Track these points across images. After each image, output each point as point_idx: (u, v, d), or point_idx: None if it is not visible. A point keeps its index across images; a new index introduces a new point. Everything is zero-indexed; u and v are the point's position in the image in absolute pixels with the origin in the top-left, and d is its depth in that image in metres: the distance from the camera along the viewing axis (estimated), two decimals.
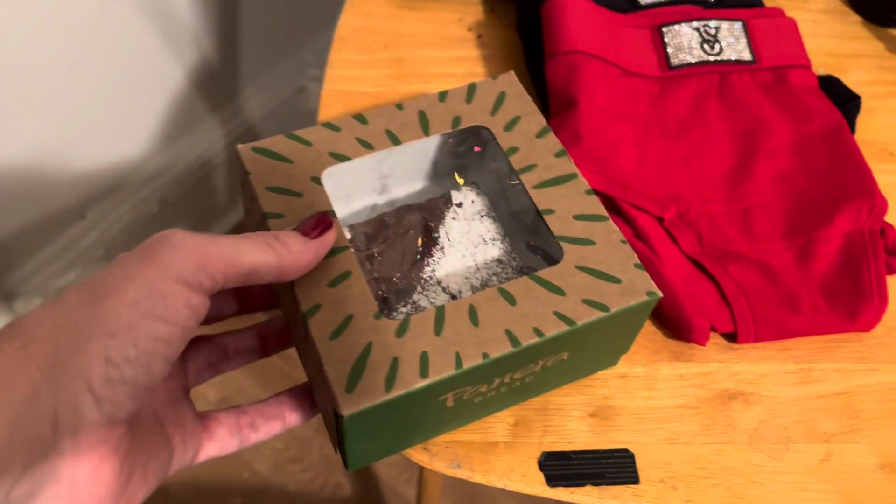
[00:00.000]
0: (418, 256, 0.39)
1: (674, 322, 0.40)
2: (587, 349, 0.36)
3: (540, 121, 0.39)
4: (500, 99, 0.40)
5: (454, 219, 0.40)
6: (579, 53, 0.45)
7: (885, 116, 0.53)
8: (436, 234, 0.40)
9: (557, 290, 0.34)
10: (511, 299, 0.33)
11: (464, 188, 0.41)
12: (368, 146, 0.37)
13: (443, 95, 0.40)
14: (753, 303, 0.39)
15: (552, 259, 0.37)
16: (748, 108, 0.46)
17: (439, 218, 0.40)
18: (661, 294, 0.34)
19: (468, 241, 0.40)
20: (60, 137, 0.84)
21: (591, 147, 0.43)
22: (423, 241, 0.39)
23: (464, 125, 0.39)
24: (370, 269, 0.38)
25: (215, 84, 1.02)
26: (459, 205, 0.41)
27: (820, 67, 0.55)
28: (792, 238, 0.42)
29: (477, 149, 0.42)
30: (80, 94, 0.83)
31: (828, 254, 0.41)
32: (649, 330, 0.42)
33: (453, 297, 0.38)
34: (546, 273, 0.34)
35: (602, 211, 0.36)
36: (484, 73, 0.52)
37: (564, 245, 0.35)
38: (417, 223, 0.40)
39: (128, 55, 0.86)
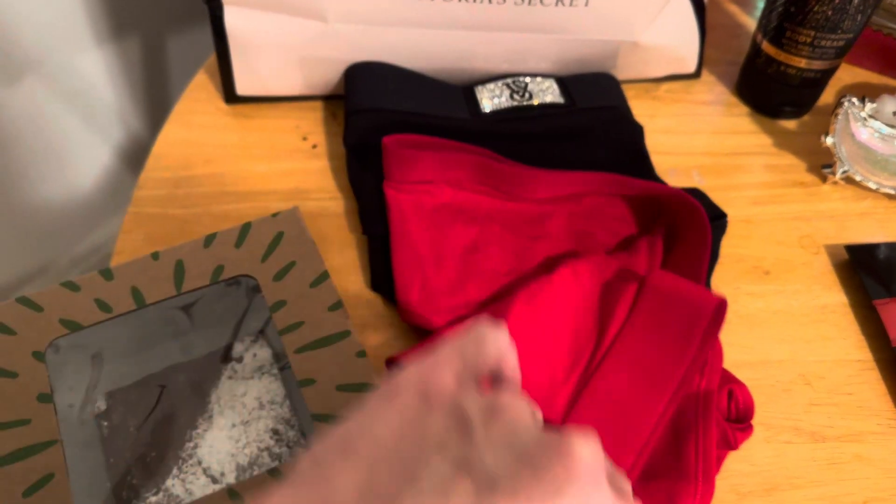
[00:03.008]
0: (179, 429, 0.34)
1: None
2: None
3: (317, 266, 0.34)
4: (276, 241, 0.35)
5: (230, 377, 0.35)
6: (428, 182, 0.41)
7: (761, 227, 0.47)
8: (207, 400, 0.35)
9: None
10: None
11: (247, 339, 0.36)
12: (107, 308, 0.33)
13: (209, 239, 0.35)
14: None
15: None
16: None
17: (213, 377, 0.35)
18: None
19: (242, 406, 0.35)
20: None
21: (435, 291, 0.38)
22: (186, 409, 0.34)
23: (226, 275, 0.34)
24: (123, 449, 0.33)
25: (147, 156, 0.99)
26: (240, 359, 0.36)
27: (695, 171, 0.50)
28: None
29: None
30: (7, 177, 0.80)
31: None
32: None
33: (214, 480, 0.33)
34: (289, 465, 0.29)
35: (371, 378, 0.31)
36: (314, 188, 0.47)
37: (319, 426, 0.30)
38: (184, 386, 0.35)
39: (49, 140, 0.84)
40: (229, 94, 0.49)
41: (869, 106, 0.46)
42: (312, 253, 0.35)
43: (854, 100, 0.46)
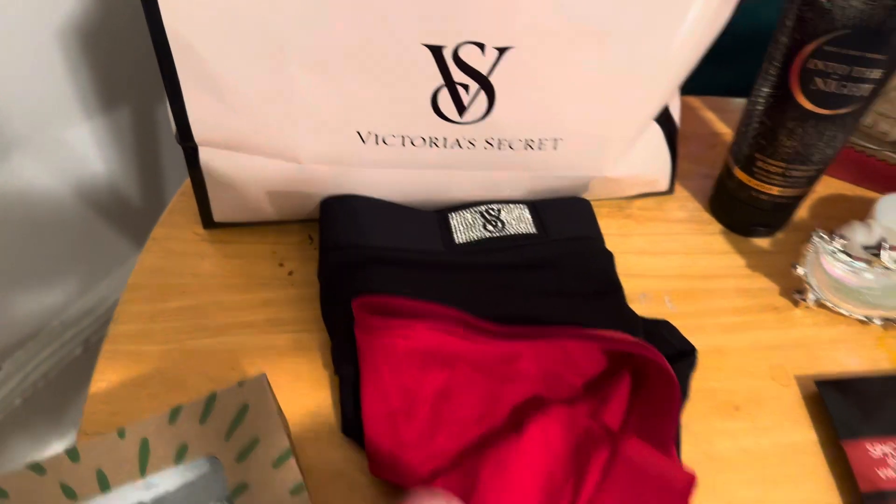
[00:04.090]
0: None
1: None
2: None
3: (281, 444, 0.35)
4: (241, 414, 0.35)
5: None
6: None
7: (733, 357, 0.48)
8: None
9: None
10: None
11: None
12: (71, 494, 0.33)
13: (174, 414, 0.35)
14: None
15: None
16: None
17: None
18: None
19: None
20: None
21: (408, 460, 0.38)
22: None
23: (189, 458, 0.34)
24: None
25: (140, 222, 1.00)
26: None
27: (666, 297, 0.50)
28: None
29: None
30: None
31: None
32: None
33: None
34: None
35: None
36: (289, 319, 0.47)
37: None
38: None
39: (39, 210, 0.85)
40: (207, 221, 0.50)
41: (838, 241, 0.46)
42: (275, 429, 0.35)
43: (823, 234, 0.47)
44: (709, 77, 0.55)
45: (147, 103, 0.91)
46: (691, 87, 0.51)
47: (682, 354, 0.45)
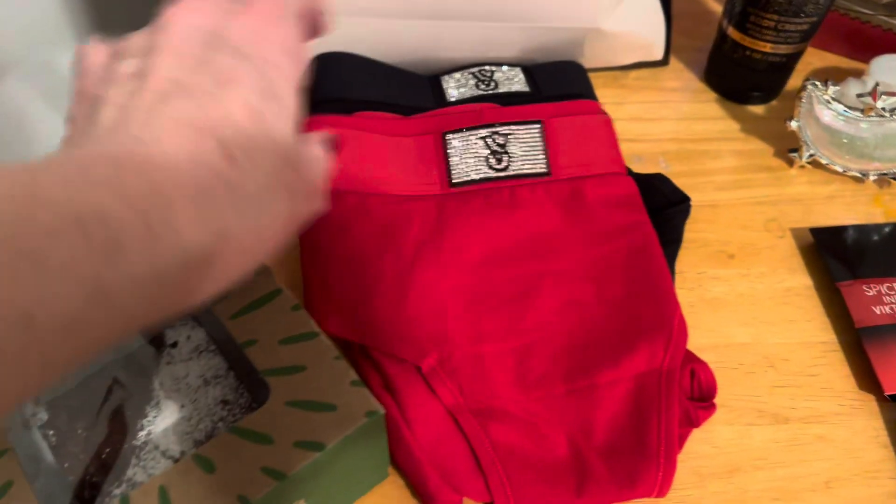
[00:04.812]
0: (129, 421, 0.34)
1: (419, 493, 0.34)
2: (325, 490, 0.31)
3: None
4: None
5: (168, 363, 0.35)
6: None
7: (727, 211, 0.48)
8: (151, 388, 0.35)
9: (264, 439, 0.29)
10: (209, 466, 0.28)
11: (178, 324, 0.36)
12: None
13: None
14: (512, 472, 0.34)
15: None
16: (539, 226, 0.41)
17: (151, 366, 0.35)
18: (382, 410, 0.29)
19: (186, 386, 0.35)
20: None
21: (339, 293, 0.38)
22: (132, 402, 0.34)
23: None
24: (76, 452, 0.33)
25: None
26: (174, 345, 0.36)
27: (661, 158, 0.50)
28: (573, 381, 0.36)
29: None
30: None
31: (613, 401, 0.35)
32: None
33: (175, 460, 0.33)
34: (250, 421, 0.30)
35: (312, 327, 0.32)
36: None
37: (271, 380, 0.31)
38: (126, 380, 0.35)
39: (30, 135, 0.84)
40: None
41: (832, 88, 0.46)
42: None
43: (817, 83, 0.46)
44: None
45: (139, 28, 0.90)
46: None
47: (676, 203, 0.45)
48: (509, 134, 0.42)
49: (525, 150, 0.42)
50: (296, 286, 0.42)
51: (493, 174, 0.41)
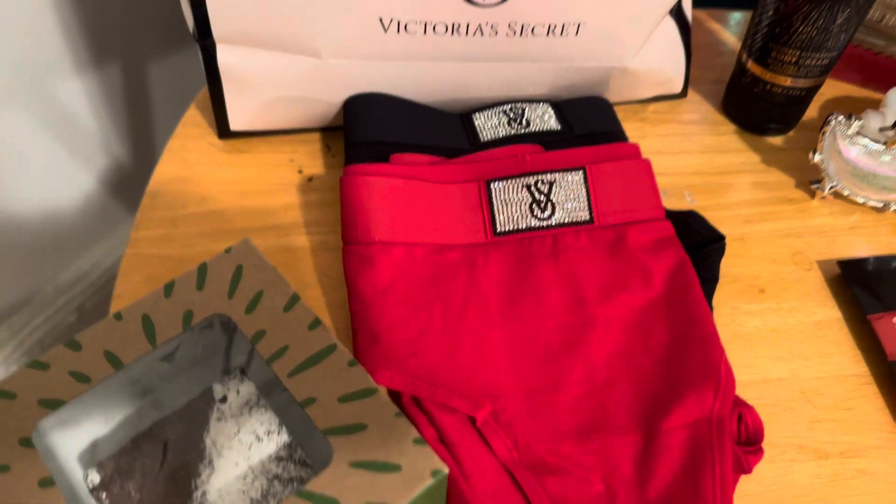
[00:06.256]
0: (183, 482, 0.34)
1: None
2: None
3: (286, 291, 0.34)
4: (238, 275, 0.35)
5: (220, 419, 0.35)
6: (375, 244, 0.40)
7: (756, 245, 0.48)
8: (202, 446, 0.34)
9: (330, 502, 0.29)
10: None
11: (226, 378, 0.36)
12: (84, 378, 0.32)
13: (168, 288, 0.35)
14: None
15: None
16: (584, 273, 0.41)
17: (202, 423, 0.35)
18: (446, 469, 0.29)
19: (239, 443, 0.34)
20: None
21: (390, 346, 0.38)
22: (184, 461, 0.34)
23: (197, 320, 0.34)
24: None
25: (132, 183, 0.98)
26: (223, 400, 0.36)
27: (686, 192, 0.51)
28: (627, 433, 0.36)
29: None
30: None
31: (669, 451, 0.35)
32: None
33: None
34: (315, 483, 0.29)
35: (369, 383, 0.32)
36: (313, 221, 0.47)
37: (333, 439, 0.30)
38: (177, 438, 0.34)
39: (32, 168, 0.83)
40: (223, 130, 0.49)
41: (856, 123, 0.47)
42: (277, 279, 0.35)
43: (841, 118, 0.47)
44: None
45: (138, 62, 0.90)
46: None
47: (710, 242, 0.45)
48: (553, 182, 0.42)
49: (568, 197, 0.42)
50: (343, 336, 0.42)
51: (536, 223, 0.42)
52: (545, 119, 0.48)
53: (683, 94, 0.56)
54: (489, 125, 0.47)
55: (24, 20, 0.74)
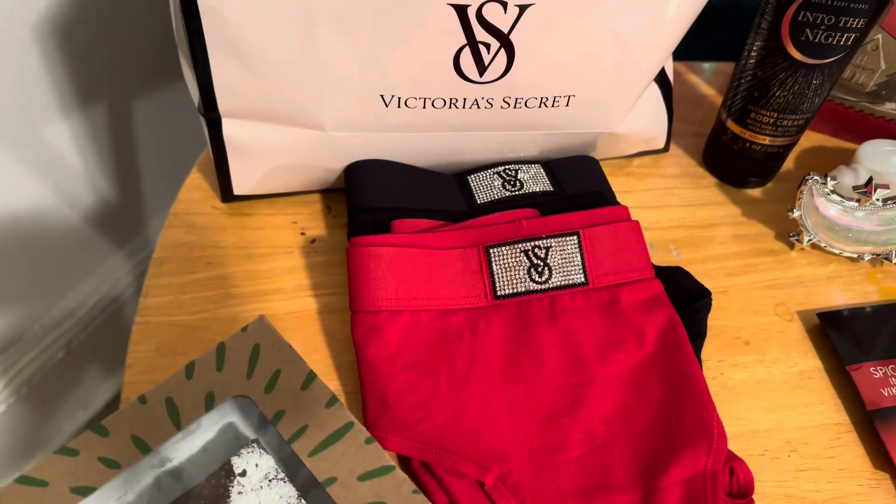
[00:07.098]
0: None
1: None
2: None
3: (303, 369, 0.36)
4: (255, 354, 0.37)
5: (240, 493, 0.37)
6: (383, 312, 0.42)
7: (739, 297, 0.51)
8: None
9: None
10: None
11: (244, 451, 0.38)
12: (114, 464, 0.33)
13: (189, 369, 0.36)
14: None
15: None
16: (581, 334, 0.43)
17: (223, 498, 0.36)
18: None
19: None
20: None
21: (399, 412, 0.39)
22: None
23: (219, 402, 0.35)
24: None
25: (119, 219, 0.99)
26: (243, 473, 0.37)
27: (672, 246, 0.53)
28: (627, 491, 0.38)
29: None
30: None
31: None
32: None
33: None
34: None
35: (387, 461, 0.33)
36: (317, 284, 0.49)
37: None
38: None
39: (18, 206, 0.84)
40: (226, 194, 0.51)
41: (831, 182, 0.50)
42: (293, 357, 0.36)
43: (817, 177, 0.50)
44: (688, 45, 0.57)
45: (124, 103, 0.91)
46: (675, 53, 0.54)
47: (697, 297, 0.47)
48: (549, 247, 0.44)
49: (564, 261, 0.44)
50: (352, 399, 0.43)
51: (534, 286, 0.44)
52: (537, 180, 0.50)
53: (666, 148, 0.58)
54: (484, 186, 0.49)
55: (8, 62, 0.74)
